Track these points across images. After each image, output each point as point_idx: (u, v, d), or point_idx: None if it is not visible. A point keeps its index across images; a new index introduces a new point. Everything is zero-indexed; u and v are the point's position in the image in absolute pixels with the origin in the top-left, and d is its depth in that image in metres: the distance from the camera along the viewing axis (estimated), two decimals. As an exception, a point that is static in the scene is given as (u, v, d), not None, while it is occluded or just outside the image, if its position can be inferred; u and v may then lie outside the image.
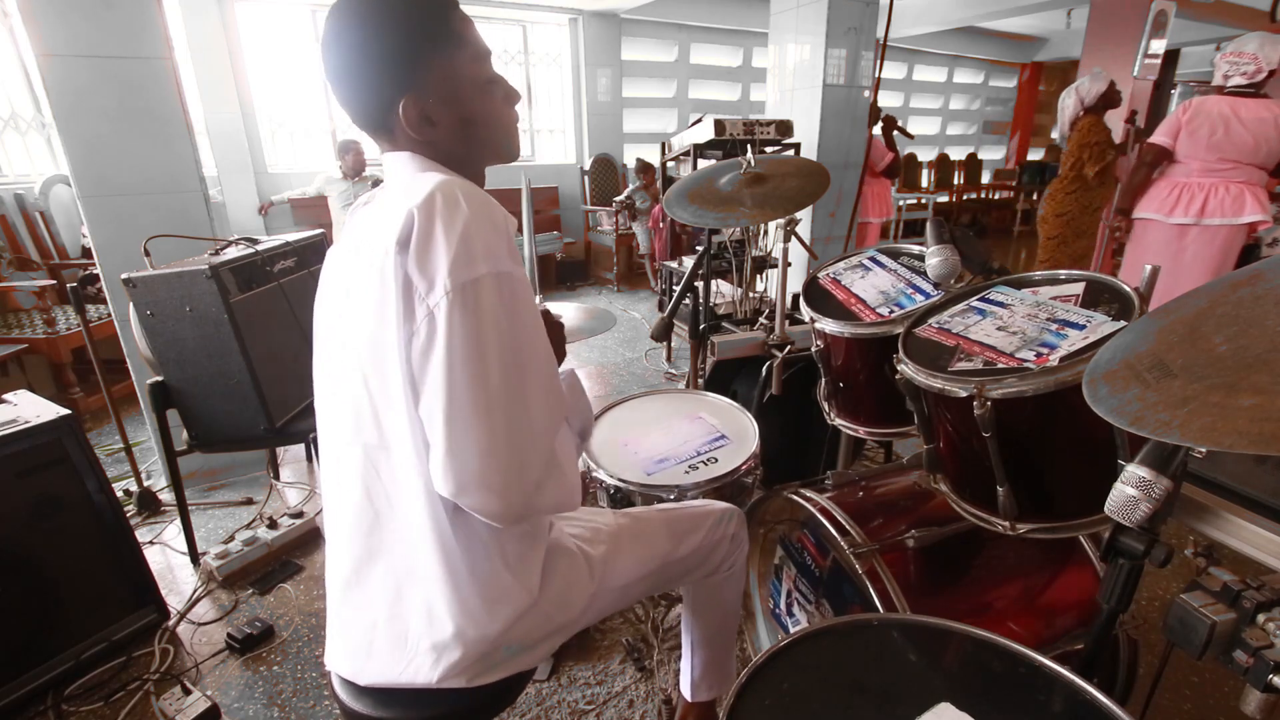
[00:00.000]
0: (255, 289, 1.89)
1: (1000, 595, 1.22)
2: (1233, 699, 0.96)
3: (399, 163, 0.86)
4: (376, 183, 4.52)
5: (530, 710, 1.56)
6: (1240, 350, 0.60)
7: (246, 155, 5.11)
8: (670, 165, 4.02)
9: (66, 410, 1.65)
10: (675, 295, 1.81)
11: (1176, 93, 7.42)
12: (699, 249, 3.05)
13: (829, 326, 1.39)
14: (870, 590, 1.08)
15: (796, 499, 1.31)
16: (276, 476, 2.66)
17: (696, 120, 3.48)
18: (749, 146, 2.02)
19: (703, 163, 3.41)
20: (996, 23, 8.08)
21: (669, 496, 1.36)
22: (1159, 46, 4.22)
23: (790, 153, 3.63)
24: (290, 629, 1.86)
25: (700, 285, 3.25)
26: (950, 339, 1.09)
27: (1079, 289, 1.07)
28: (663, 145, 3.94)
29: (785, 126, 3.50)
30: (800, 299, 1.49)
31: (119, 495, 1.83)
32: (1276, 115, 2.74)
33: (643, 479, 1.40)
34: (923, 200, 8.19)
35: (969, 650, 0.80)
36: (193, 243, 2.13)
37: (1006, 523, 1.02)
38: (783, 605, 1.50)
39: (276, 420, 1.89)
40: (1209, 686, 1.60)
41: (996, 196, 9.41)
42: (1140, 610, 1.82)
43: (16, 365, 3.23)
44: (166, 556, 2.19)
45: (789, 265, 1.70)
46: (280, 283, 2.01)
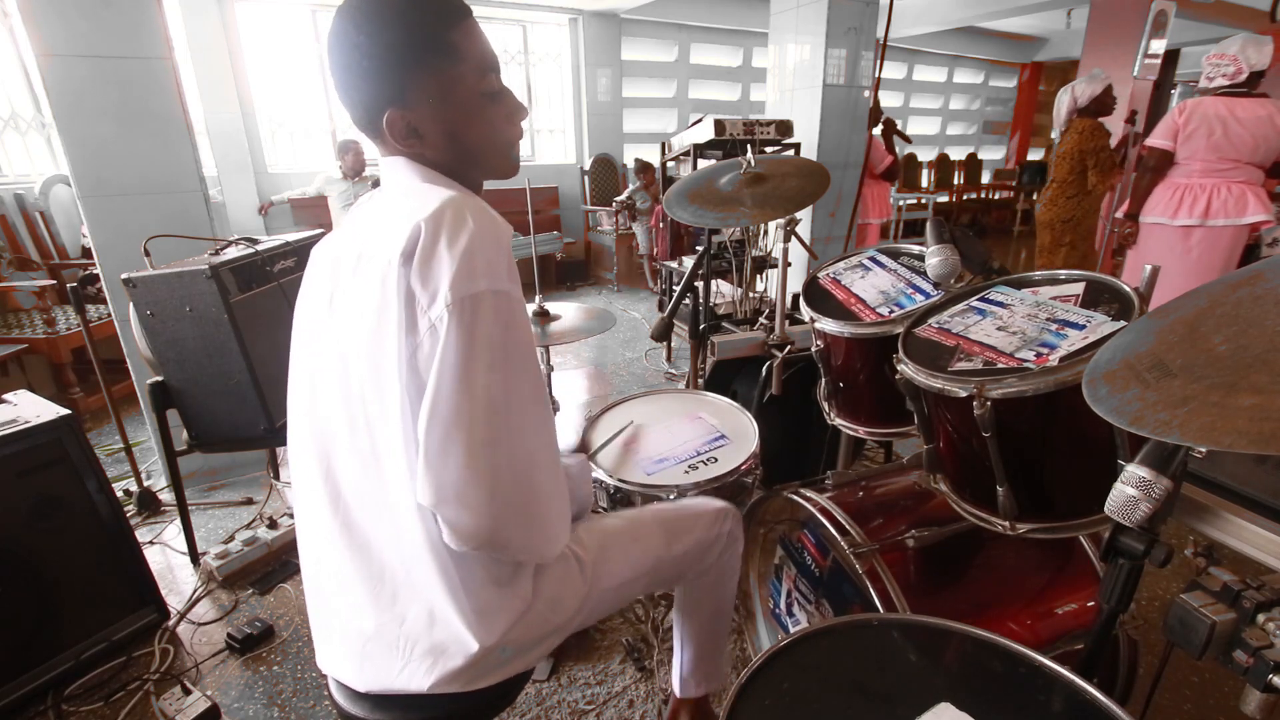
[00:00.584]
0: (255, 289, 1.89)
1: (1000, 595, 1.22)
2: (1233, 699, 0.96)
3: (396, 168, 0.86)
4: (376, 183, 4.50)
5: (530, 710, 1.56)
6: (1240, 350, 0.61)
7: (246, 155, 5.12)
8: (670, 165, 4.02)
9: (66, 410, 1.65)
10: (675, 295, 1.81)
11: (1176, 92, 7.43)
12: (699, 249, 3.05)
13: (829, 326, 1.39)
14: (870, 590, 1.08)
15: (796, 499, 1.31)
16: (276, 476, 2.66)
17: (696, 120, 3.48)
18: (749, 146, 2.02)
19: (703, 163, 3.41)
20: (996, 23, 8.08)
21: (669, 496, 1.36)
22: (1159, 46, 4.22)
23: (790, 153, 3.63)
24: (290, 629, 1.86)
25: (700, 285, 3.25)
26: (950, 339, 1.09)
27: (1079, 289, 1.07)
28: (663, 145, 3.94)
29: (785, 127, 3.50)
30: (800, 299, 1.50)
31: (119, 495, 1.83)
32: (1272, 113, 2.74)
33: (642, 479, 1.40)
34: (922, 200, 8.19)
35: (969, 650, 0.80)
36: (193, 243, 2.13)
37: (1006, 523, 1.02)
38: (783, 605, 1.50)
39: (276, 420, 1.89)
40: (1209, 686, 1.60)
41: (996, 196, 9.42)
42: (1140, 610, 1.82)
43: (16, 365, 3.23)
44: (166, 556, 2.19)
45: (789, 265, 1.70)
46: (280, 283, 2.01)
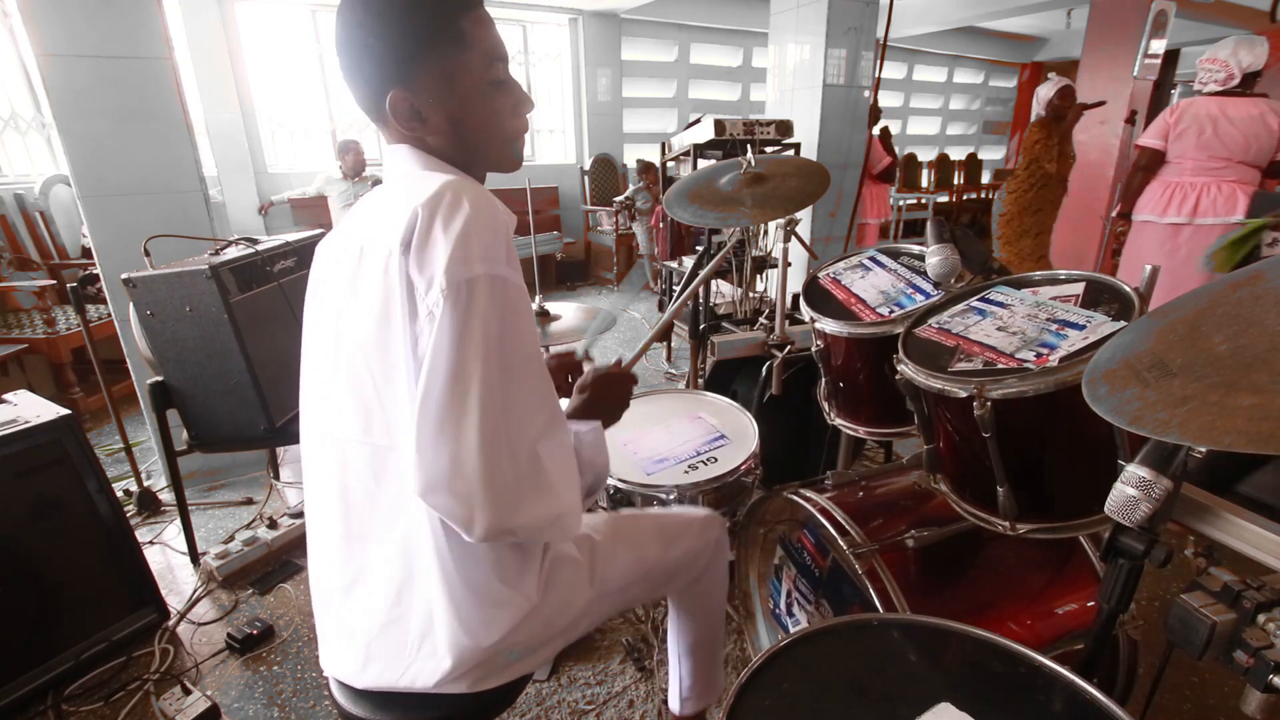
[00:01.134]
0: (255, 289, 1.89)
1: (1000, 595, 1.22)
2: (1233, 699, 0.96)
3: (399, 156, 0.85)
4: (376, 183, 4.51)
5: (530, 710, 1.56)
6: (1239, 350, 0.61)
7: (246, 155, 5.11)
8: (670, 165, 4.02)
9: (66, 410, 1.65)
10: (675, 295, 1.81)
11: (1176, 92, 7.42)
12: (699, 249, 3.05)
13: (829, 326, 1.39)
14: (870, 590, 1.08)
15: (796, 499, 1.31)
16: (276, 476, 2.66)
17: (696, 120, 3.47)
18: (749, 146, 2.02)
19: (703, 163, 3.41)
20: (996, 23, 8.07)
21: (668, 496, 1.36)
22: (1159, 46, 4.23)
23: (790, 153, 3.63)
24: (290, 629, 1.86)
25: (700, 285, 3.24)
26: (950, 339, 1.09)
27: (1079, 289, 1.07)
28: (663, 145, 3.93)
29: (785, 126, 3.50)
30: (800, 299, 1.50)
31: (119, 495, 1.83)
32: (1264, 112, 2.75)
33: (642, 479, 1.40)
34: (922, 200, 8.18)
35: (969, 650, 0.80)
36: (193, 243, 2.13)
37: (1006, 523, 1.02)
38: (783, 605, 1.50)
39: (276, 420, 1.89)
40: (1209, 686, 1.60)
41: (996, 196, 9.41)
42: (1140, 610, 1.82)
43: (16, 365, 3.23)
44: (166, 556, 2.19)
45: (789, 265, 1.70)
46: (280, 283, 2.01)
